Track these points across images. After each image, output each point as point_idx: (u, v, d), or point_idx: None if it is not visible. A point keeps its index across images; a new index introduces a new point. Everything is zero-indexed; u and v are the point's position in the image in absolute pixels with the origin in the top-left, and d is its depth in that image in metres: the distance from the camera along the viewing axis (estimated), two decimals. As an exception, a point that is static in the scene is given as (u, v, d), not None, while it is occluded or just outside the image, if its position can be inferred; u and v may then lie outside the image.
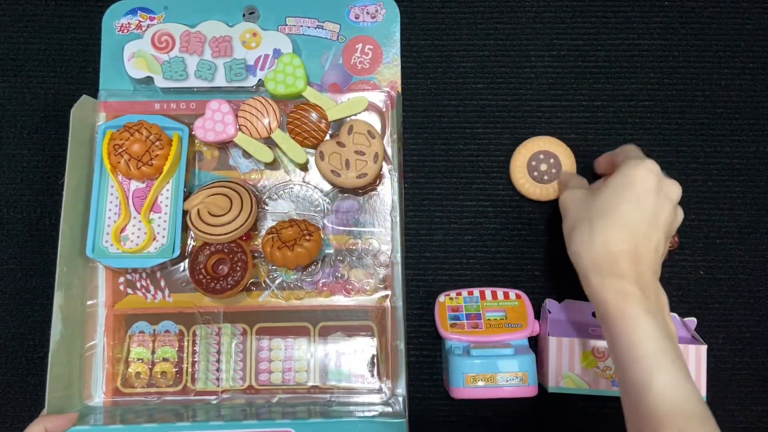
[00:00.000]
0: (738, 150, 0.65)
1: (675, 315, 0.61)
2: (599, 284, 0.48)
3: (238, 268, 0.58)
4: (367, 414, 0.56)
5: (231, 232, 0.57)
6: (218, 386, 0.60)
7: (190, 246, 0.61)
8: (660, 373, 0.44)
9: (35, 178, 0.65)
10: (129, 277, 0.61)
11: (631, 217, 0.49)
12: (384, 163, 0.62)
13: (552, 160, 0.63)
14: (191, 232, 0.61)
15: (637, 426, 0.45)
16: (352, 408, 0.58)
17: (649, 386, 0.44)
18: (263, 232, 0.61)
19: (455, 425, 0.61)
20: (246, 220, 0.58)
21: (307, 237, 0.57)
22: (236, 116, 0.61)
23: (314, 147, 0.61)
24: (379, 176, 0.61)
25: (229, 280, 0.58)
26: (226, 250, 0.59)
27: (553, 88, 0.66)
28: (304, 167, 0.63)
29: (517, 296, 0.61)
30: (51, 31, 0.67)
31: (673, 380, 0.44)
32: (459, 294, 0.61)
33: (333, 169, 0.59)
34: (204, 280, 0.58)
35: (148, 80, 0.63)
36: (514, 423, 0.61)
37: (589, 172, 0.64)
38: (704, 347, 0.58)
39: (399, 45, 0.65)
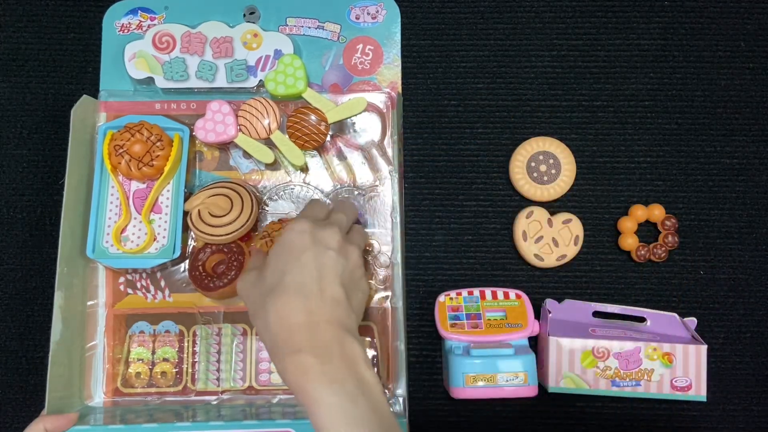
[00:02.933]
0: (738, 150, 0.65)
1: (675, 315, 0.61)
2: (281, 366, 0.46)
3: (233, 267, 0.58)
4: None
5: (232, 232, 0.57)
6: (218, 386, 0.60)
7: (191, 246, 0.61)
8: None
9: (35, 178, 0.65)
10: (129, 277, 0.61)
11: (296, 284, 0.47)
12: (384, 164, 0.62)
13: (552, 161, 0.63)
14: (192, 233, 0.61)
15: None
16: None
17: None
18: (263, 232, 0.61)
19: (455, 425, 0.61)
20: (246, 221, 0.58)
21: None
22: (237, 117, 0.61)
23: (314, 149, 0.61)
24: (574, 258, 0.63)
25: (223, 278, 0.57)
26: (225, 250, 0.59)
27: (553, 88, 0.66)
28: (303, 169, 0.63)
29: (517, 296, 0.61)
30: (51, 31, 0.67)
31: None
32: (459, 294, 0.61)
33: (537, 253, 0.62)
34: (200, 277, 0.58)
35: (149, 81, 0.63)
36: (514, 423, 0.61)
37: (589, 173, 0.65)
38: (704, 347, 0.58)
39: (399, 45, 0.65)
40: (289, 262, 0.48)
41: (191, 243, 0.61)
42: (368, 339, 0.60)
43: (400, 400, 0.58)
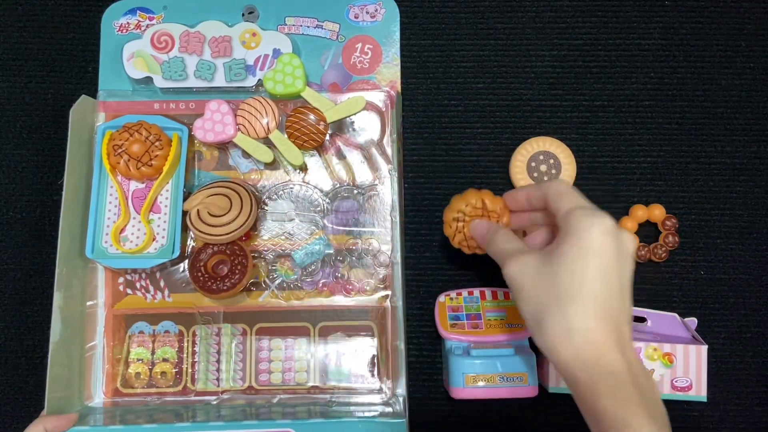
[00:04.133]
0: (738, 150, 0.65)
1: (675, 315, 0.61)
2: (589, 386, 0.41)
3: (237, 270, 0.58)
4: (367, 414, 0.56)
5: (231, 232, 0.57)
6: (218, 386, 0.60)
7: (190, 246, 0.61)
8: None
9: (35, 178, 0.65)
10: (129, 277, 0.61)
11: (603, 294, 0.42)
12: (383, 163, 0.62)
13: (552, 161, 0.63)
14: (191, 233, 0.61)
15: None
16: (352, 408, 0.58)
17: None
18: (263, 233, 0.61)
19: (455, 425, 0.61)
20: (246, 221, 0.58)
21: None
22: (235, 116, 0.61)
23: (313, 149, 0.61)
24: None
25: (227, 281, 0.57)
26: (227, 252, 0.59)
27: (553, 88, 0.66)
28: (301, 168, 0.62)
29: (517, 296, 0.61)
30: (50, 31, 0.67)
31: None
32: (459, 294, 0.61)
33: None
34: (202, 279, 0.58)
35: (148, 80, 0.63)
36: (514, 423, 0.61)
37: (589, 173, 0.65)
38: (704, 347, 0.58)
39: (399, 44, 0.65)
40: (595, 264, 0.42)
41: (191, 243, 0.61)
42: (368, 338, 0.60)
43: (400, 400, 0.58)
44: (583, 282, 0.42)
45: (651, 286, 0.63)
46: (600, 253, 0.43)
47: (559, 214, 0.46)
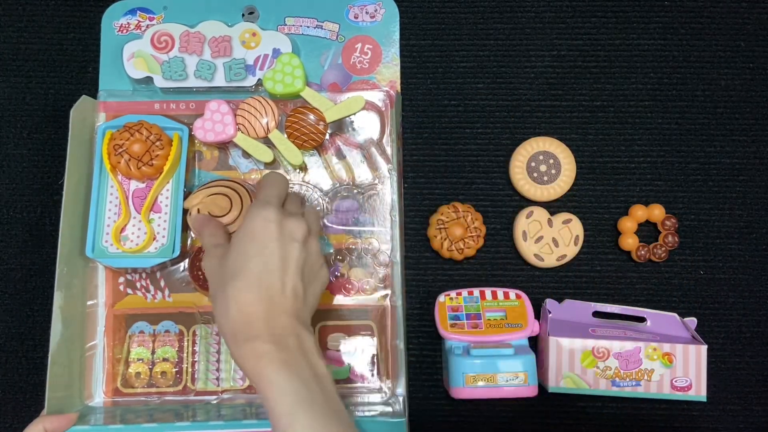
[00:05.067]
0: (738, 150, 0.65)
1: (675, 315, 0.61)
2: (238, 351, 0.46)
3: None
4: (367, 414, 0.56)
5: (231, 233, 0.57)
6: (218, 386, 0.60)
7: (190, 246, 0.61)
8: (297, 426, 0.43)
9: (35, 178, 0.65)
10: (129, 277, 0.61)
11: (259, 272, 0.47)
12: (383, 162, 0.62)
13: (552, 161, 0.63)
14: (191, 232, 0.61)
15: None
16: (351, 408, 0.58)
17: None
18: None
19: (455, 425, 0.61)
20: None
21: None
22: (235, 116, 0.61)
23: (313, 149, 0.61)
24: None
25: None
26: None
27: (553, 88, 0.66)
28: (301, 168, 0.63)
29: (517, 296, 0.61)
30: (51, 31, 0.67)
31: (311, 430, 0.44)
32: (459, 294, 0.61)
33: (537, 253, 0.62)
34: (202, 277, 0.58)
35: (148, 80, 0.63)
36: (514, 423, 0.61)
37: (589, 173, 0.65)
38: (704, 347, 0.58)
39: (398, 45, 0.65)
40: (253, 249, 0.48)
41: (191, 242, 0.61)
42: (368, 337, 0.60)
43: (400, 399, 0.58)
44: (243, 263, 0.48)
45: (651, 286, 0.63)
46: (260, 237, 0.48)
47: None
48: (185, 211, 0.59)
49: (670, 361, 0.58)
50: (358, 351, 0.60)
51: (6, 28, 0.67)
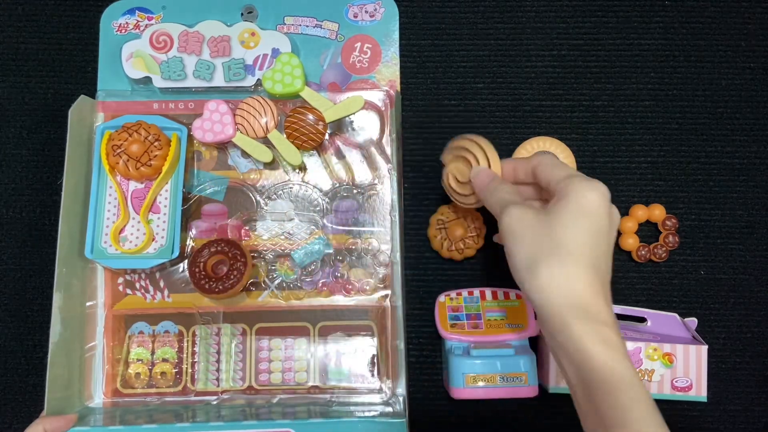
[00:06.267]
0: (738, 150, 0.65)
1: (675, 315, 0.61)
2: (583, 332, 0.42)
3: (232, 275, 0.58)
4: (367, 414, 0.56)
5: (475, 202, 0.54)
6: (218, 387, 0.60)
7: (189, 246, 0.61)
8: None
9: (34, 178, 0.64)
10: (128, 277, 0.61)
11: (595, 252, 0.44)
12: (383, 162, 0.62)
13: (552, 161, 0.63)
14: (190, 233, 0.61)
15: None
16: (352, 408, 0.58)
17: None
18: (263, 232, 0.61)
19: (455, 425, 0.61)
20: None
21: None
22: (234, 116, 0.61)
23: (312, 149, 0.61)
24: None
25: (220, 284, 0.57)
26: (229, 254, 0.58)
27: (553, 88, 0.66)
28: (300, 168, 0.62)
29: (518, 296, 0.61)
30: (50, 31, 0.67)
31: None
32: (459, 294, 0.61)
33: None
34: (198, 275, 0.58)
35: (147, 80, 0.63)
36: (514, 423, 0.61)
37: (589, 173, 0.64)
38: (704, 347, 0.58)
39: (398, 44, 0.65)
40: (590, 224, 0.44)
41: (190, 243, 0.61)
42: (368, 338, 0.60)
43: (400, 399, 0.58)
44: (577, 238, 0.44)
45: (651, 286, 0.63)
46: (595, 215, 0.45)
47: (554, 181, 0.47)
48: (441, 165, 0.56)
49: (670, 362, 0.58)
50: (358, 351, 0.60)
51: (5, 28, 0.67)
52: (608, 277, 0.45)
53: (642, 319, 0.62)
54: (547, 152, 0.53)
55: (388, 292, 0.60)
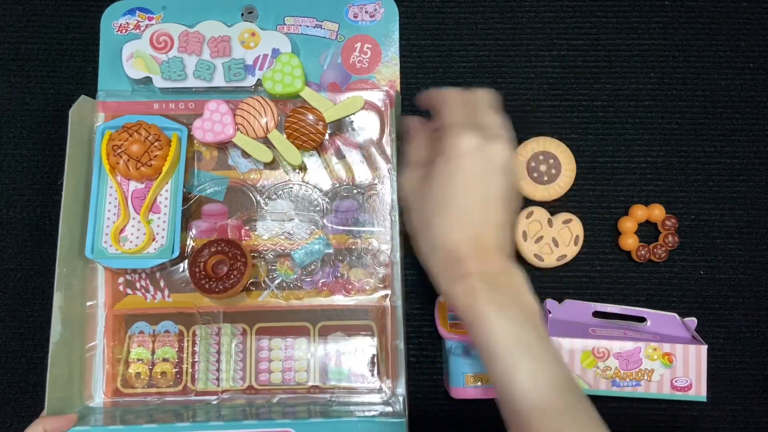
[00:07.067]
0: (738, 150, 0.65)
1: (675, 315, 0.61)
2: (450, 289, 0.46)
3: (233, 275, 0.58)
4: (367, 414, 0.56)
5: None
6: (218, 386, 0.60)
7: (189, 246, 0.61)
8: (519, 370, 0.43)
9: (35, 178, 0.65)
10: (128, 277, 0.61)
11: (466, 206, 0.46)
12: (383, 162, 0.62)
13: (552, 161, 0.63)
14: (191, 233, 0.61)
15: (514, 427, 0.44)
16: (352, 408, 0.58)
17: (512, 386, 0.43)
18: (263, 232, 0.61)
19: (455, 425, 0.61)
20: None
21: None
22: (235, 116, 0.61)
23: (312, 149, 0.61)
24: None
25: (220, 284, 0.57)
26: (229, 254, 0.58)
27: (553, 88, 0.66)
28: (300, 168, 0.62)
29: (517, 296, 0.61)
30: (50, 31, 0.67)
31: (534, 374, 0.43)
32: (459, 294, 0.61)
33: (537, 253, 0.62)
34: (198, 275, 0.58)
35: (147, 80, 0.63)
36: (514, 423, 0.61)
37: (589, 173, 0.64)
38: (704, 347, 0.58)
39: (398, 44, 0.65)
40: (457, 183, 0.46)
41: (190, 243, 0.61)
42: (368, 337, 0.60)
43: (400, 399, 0.58)
44: (449, 195, 0.46)
45: (651, 286, 0.63)
46: (463, 169, 0.46)
47: (442, 127, 0.49)
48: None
49: (670, 361, 0.58)
50: (358, 351, 0.60)
51: (6, 28, 0.67)
52: (490, 224, 0.46)
53: (642, 319, 0.62)
54: (450, 89, 0.52)
55: (388, 292, 0.60)
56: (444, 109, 0.50)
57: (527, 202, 0.64)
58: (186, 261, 0.61)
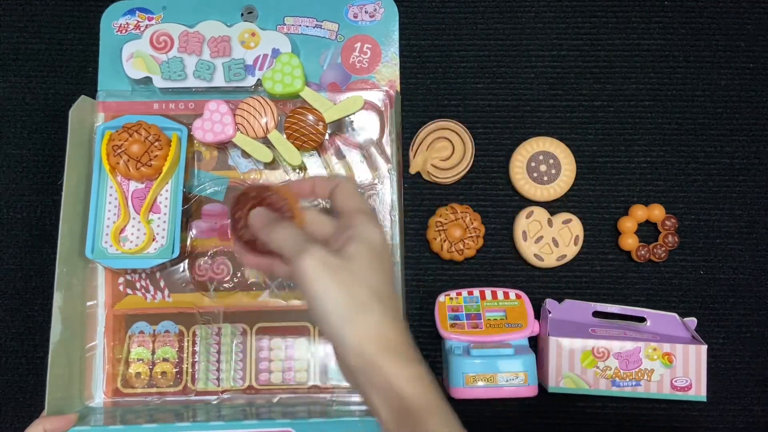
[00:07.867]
0: (738, 150, 0.65)
1: (675, 315, 0.61)
2: (398, 370, 0.44)
3: (285, 212, 0.47)
4: (367, 414, 0.56)
5: (459, 173, 0.63)
6: (218, 386, 0.60)
7: (190, 246, 0.61)
8: None
9: (35, 178, 0.65)
10: (128, 277, 0.61)
11: (387, 299, 0.44)
12: (383, 162, 0.62)
13: (552, 161, 0.63)
14: (191, 233, 0.61)
15: None
16: (352, 408, 0.58)
17: None
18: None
19: (455, 425, 0.61)
20: (469, 161, 0.63)
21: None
22: (235, 116, 0.61)
23: (312, 150, 0.61)
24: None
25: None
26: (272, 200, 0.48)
27: (553, 88, 0.66)
28: (300, 168, 0.62)
29: (517, 296, 0.61)
30: (50, 31, 0.67)
31: None
32: (459, 294, 0.61)
33: (537, 253, 0.62)
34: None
35: (147, 80, 0.63)
36: (514, 423, 0.61)
37: (589, 173, 0.65)
38: (704, 347, 0.58)
39: (398, 44, 0.65)
40: (384, 269, 0.45)
41: (190, 243, 0.61)
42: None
43: (400, 399, 0.58)
44: (382, 285, 0.44)
45: (651, 286, 0.63)
46: (386, 256, 0.45)
47: (347, 212, 0.47)
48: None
49: (670, 361, 0.58)
50: (358, 351, 0.60)
51: (6, 28, 0.67)
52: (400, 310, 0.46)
53: (642, 319, 0.62)
54: (345, 178, 0.53)
55: (388, 292, 0.60)
56: (347, 197, 0.48)
57: (527, 202, 0.64)
58: (186, 261, 0.61)
